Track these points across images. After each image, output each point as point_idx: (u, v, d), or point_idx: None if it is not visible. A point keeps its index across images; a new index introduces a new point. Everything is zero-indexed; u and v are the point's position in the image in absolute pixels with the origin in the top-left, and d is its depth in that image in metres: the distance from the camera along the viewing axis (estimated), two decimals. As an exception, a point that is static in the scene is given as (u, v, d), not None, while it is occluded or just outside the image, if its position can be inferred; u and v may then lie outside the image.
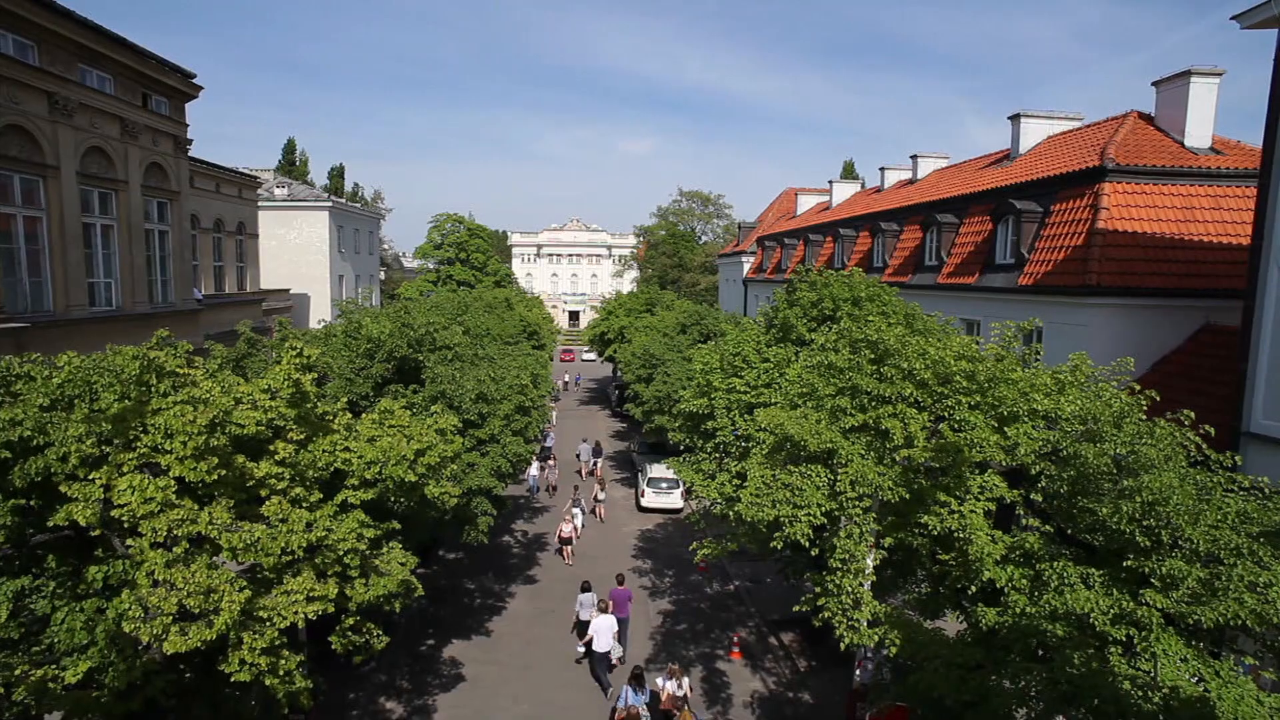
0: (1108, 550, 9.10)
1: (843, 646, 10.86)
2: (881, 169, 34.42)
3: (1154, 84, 19.46)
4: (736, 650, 17.75)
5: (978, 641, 9.54)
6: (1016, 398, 9.76)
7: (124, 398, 8.05)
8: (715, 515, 14.96)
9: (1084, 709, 7.76)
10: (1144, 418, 9.42)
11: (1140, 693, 7.59)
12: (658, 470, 28.98)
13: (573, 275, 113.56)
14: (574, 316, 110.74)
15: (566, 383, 59.65)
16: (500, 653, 17.30)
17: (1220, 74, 18.36)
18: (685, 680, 14.10)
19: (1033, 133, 23.59)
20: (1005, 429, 9.80)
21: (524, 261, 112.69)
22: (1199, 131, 18.47)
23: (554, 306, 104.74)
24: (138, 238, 18.41)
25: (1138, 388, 10.05)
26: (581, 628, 17.22)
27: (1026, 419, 9.87)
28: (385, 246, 65.27)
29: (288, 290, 37.08)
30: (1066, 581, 8.73)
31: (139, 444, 7.93)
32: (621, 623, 16.81)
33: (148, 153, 18.66)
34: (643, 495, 28.80)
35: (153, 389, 8.24)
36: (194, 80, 20.29)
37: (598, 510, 27.99)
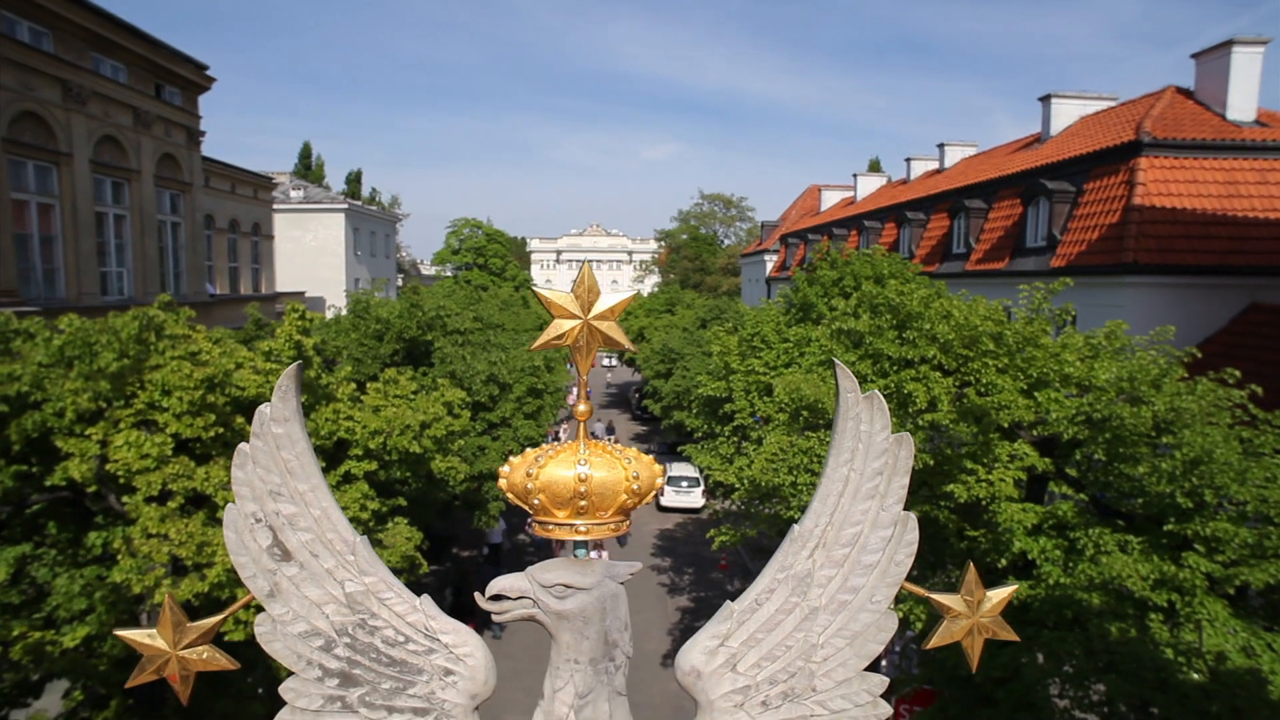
0: (1146, 517, 8.58)
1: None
2: (907, 160, 33.66)
3: (1193, 56, 18.80)
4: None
5: (1009, 617, 9.02)
6: (1047, 360, 9.25)
7: (123, 356, 7.88)
8: (736, 505, 14.53)
9: (1122, 678, 7.23)
10: (1185, 377, 8.90)
11: (1183, 659, 7.08)
12: (678, 469, 28.58)
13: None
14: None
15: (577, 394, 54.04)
16: (513, 646, 16.99)
17: (1265, 42, 17.58)
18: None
19: (1064, 114, 22.93)
20: (1035, 394, 9.30)
21: (543, 268, 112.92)
22: (1242, 104, 17.72)
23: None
24: (150, 228, 18.45)
25: (1178, 353, 9.51)
26: None
27: (1058, 385, 9.36)
28: (403, 253, 65.49)
29: (303, 293, 37.16)
30: (1103, 549, 8.22)
31: (136, 400, 7.76)
32: None
33: (160, 143, 18.73)
34: (662, 494, 28.40)
35: (152, 347, 8.08)
36: (207, 71, 20.39)
37: None
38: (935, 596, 2.16)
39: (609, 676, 2.15)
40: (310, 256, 38.37)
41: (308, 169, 55.18)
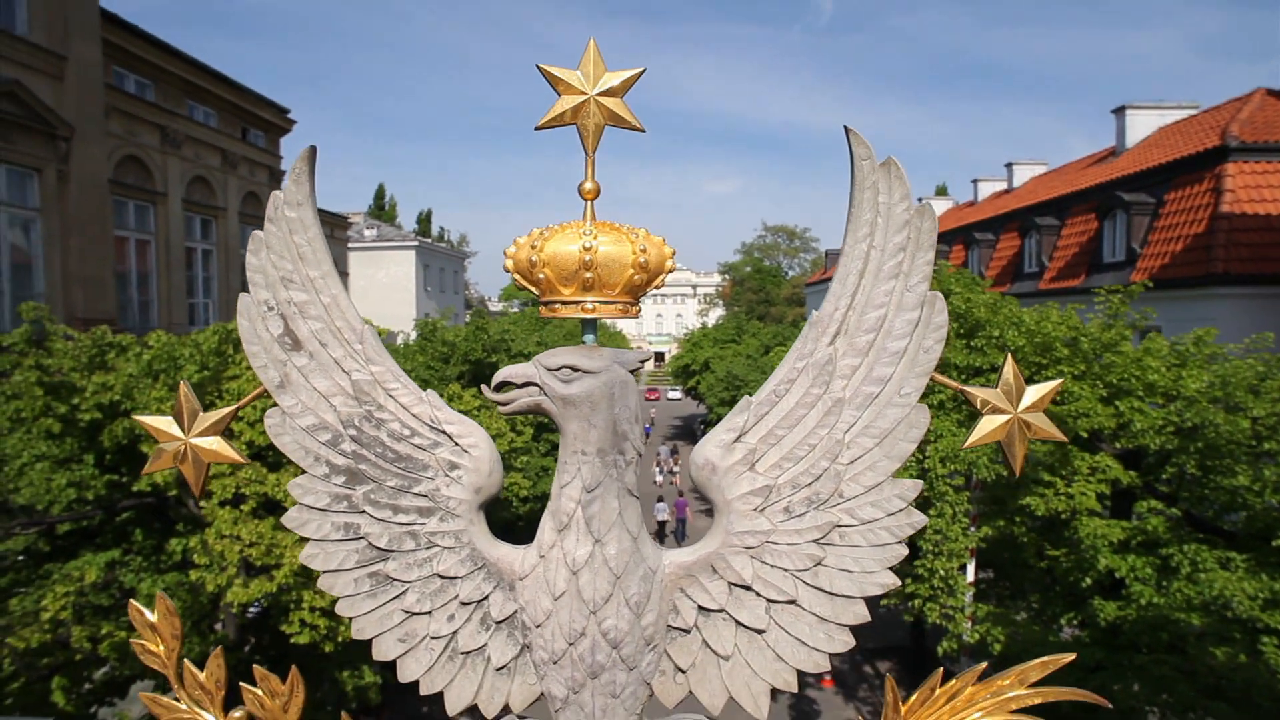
0: (1249, 533, 7.96)
1: (940, 650, 9.90)
2: (974, 181, 32.82)
3: None
4: (828, 678, 16.62)
5: (1096, 640, 8.47)
6: (1127, 366, 8.77)
7: (203, 368, 8.32)
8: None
9: (1233, 707, 6.65)
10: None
11: (1302, 684, 6.47)
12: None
13: (657, 315, 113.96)
14: (659, 357, 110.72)
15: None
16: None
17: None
18: None
19: (1140, 125, 22.05)
20: (1116, 403, 8.81)
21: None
22: (1342, 102, 16.74)
23: (638, 347, 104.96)
24: (234, 263, 19.52)
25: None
26: (658, 527, 23.93)
27: (1141, 394, 8.85)
28: (470, 290, 67.29)
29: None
30: (1200, 566, 7.65)
31: (214, 409, 8.13)
32: (681, 522, 25.33)
33: (245, 182, 19.92)
34: None
35: (229, 360, 8.49)
36: (288, 115, 21.64)
37: (674, 480, 32.23)
38: (970, 389, 1.97)
39: (618, 471, 2.01)
40: (383, 292, 39.76)
41: (381, 209, 57.58)
